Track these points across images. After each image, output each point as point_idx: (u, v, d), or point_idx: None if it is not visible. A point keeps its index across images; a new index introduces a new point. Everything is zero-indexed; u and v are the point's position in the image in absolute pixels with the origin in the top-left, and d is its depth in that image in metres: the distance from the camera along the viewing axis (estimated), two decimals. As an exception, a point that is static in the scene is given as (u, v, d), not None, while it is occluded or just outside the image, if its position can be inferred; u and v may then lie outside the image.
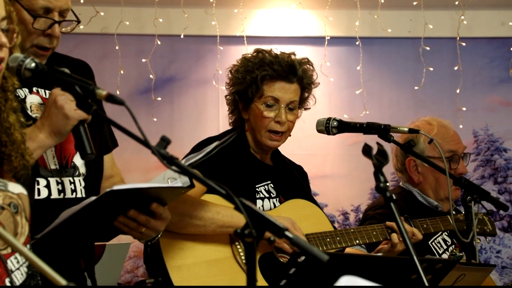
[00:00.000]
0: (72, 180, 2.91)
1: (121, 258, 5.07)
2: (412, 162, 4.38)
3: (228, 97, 3.77)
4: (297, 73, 3.64)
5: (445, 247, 4.32)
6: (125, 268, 5.70)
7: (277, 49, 3.75)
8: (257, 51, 3.71)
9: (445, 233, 4.33)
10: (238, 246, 3.46)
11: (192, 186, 2.75)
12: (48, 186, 2.85)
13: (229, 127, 3.86)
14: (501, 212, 5.78)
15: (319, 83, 3.80)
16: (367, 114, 5.93)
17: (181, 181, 2.82)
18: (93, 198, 2.56)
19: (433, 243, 4.29)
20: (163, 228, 2.87)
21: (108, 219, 2.76)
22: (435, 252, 4.28)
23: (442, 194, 4.35)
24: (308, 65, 3.72)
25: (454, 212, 4.18)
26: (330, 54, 6.02)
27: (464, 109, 6.03)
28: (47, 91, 2.88)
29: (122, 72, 5.90)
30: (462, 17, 5.99)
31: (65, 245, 2.83)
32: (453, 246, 4.35)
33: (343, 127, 3.63)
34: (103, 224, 2.80)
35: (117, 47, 5.89)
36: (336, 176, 6.07)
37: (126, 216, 2.75)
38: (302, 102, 3.74)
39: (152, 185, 2.80)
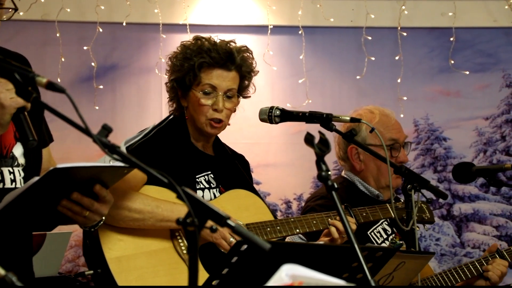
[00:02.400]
0: (11, 170, 2.88)
1: (62, 247, 5.03)
2: (354, 150, 4.42)
3: (167, 84, 3.76)
4: (235, 61, 3.64)
5: (385, 236, 4.36)
6: (66, 257, 5.65)
7: (217, 36, 3.74)
8: (196, 38, 3.71)
9: (385, 222, 4.38)
10: (178, 237, 3.45)
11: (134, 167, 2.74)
12: None
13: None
14: (441, 200, 5.86)
15: (258, 71, 3.80)
16: (310, 103, 5.96)
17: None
18: (36, 178, 2.55)
19: (373, 233, 4.33)
20: (107, 211, 2.86)
21: (52, 203, 2.74)
22: (375, 242, 4.32)
23: (383, 182, 4.40)
24: (247, 53, 3.72)
25: (394, 201, 4.23)
26: (273, 43, 6.03)
27: (405, 98, 6.09)
28: None
29: (63, 59, 5.84)
30: (403, 7, 6.06)
31: (8, 232, 2.81)
32: (393, 235, 4.40)
33: (286, 116, 3.64)
34: (46, 209, 2.78)
35: (58, 34, 5.82)
36: (278, 165, 6.09)
37: (69, 200, 2.74)
38: (241, 90, 3.74)
39: (95, 164, 2.80)
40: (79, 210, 2.77)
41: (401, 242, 4.18)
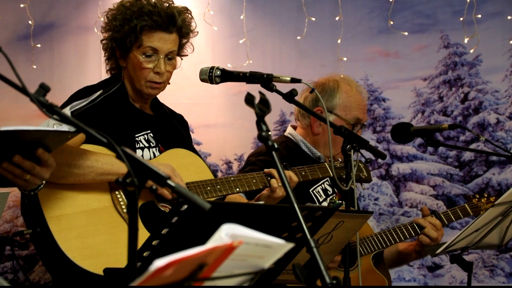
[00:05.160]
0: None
1: (-1, 208, 4.97)
2: (318, 113, 4.44)
3: (104, 42, 3.73)
4: (176, 23, 3.62)
5: (325, 196, 4.41)
6: (3, 218, 5.59)
7: None
8: None
9: (327, 182, 4.42)
10: (119, 195, 3.43)
11: (78, 131, 2.72)
12: None
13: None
14: (379, 160, 5.93)
15: (198, 32, 3.78)
16: (250, 64, 5.95)
17: (67, 126, 2.79)
18: None
19: (314, 191, 4.37)
20: (48, 175, 2.85)
21: None
22: (316, 200, 4.37)
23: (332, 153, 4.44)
24: (187, 14, 3.70)
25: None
26: (213, 3, 5.99)
27: (345, 59, 6.11)
28: None
29: (-1, 17, 5.72)
30: (344, -32, 6.06)
31: None
32: (334, 194, 4.45)
33: (226, 76, 3.63)
34: None
35: (-7, -8, 5.71)
36: (219, 125, 6.08)
37: (10, 162, 2.71)
38: (179, 49, 3.73)
39: (39, 128, 2.77)
40: (19, 173, 2.75)
41: (340, 201, 4.23)
